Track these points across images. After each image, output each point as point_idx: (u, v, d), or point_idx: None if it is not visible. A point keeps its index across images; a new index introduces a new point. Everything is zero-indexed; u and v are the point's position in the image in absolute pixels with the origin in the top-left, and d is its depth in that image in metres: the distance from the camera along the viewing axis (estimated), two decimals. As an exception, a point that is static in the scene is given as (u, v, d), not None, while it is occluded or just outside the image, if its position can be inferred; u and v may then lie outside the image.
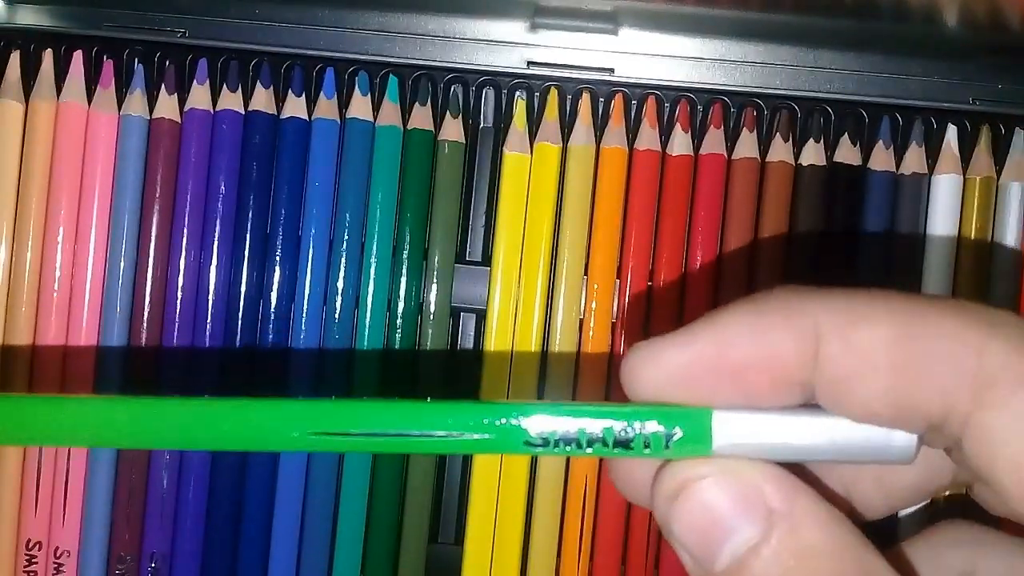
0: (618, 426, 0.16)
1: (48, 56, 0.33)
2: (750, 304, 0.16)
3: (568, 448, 0.16)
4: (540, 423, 0.16)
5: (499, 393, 0.33)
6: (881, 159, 0.34)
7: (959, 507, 0.19)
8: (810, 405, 0.16)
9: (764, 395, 0.16)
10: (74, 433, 0.16)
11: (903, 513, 0.27)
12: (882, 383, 0.15)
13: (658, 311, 0.33)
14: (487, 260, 0.35)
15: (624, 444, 0.16)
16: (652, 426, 0.16)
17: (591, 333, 0.33)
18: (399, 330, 0.33)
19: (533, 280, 0.33)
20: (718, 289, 0.34)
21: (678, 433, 0.16)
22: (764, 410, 0.16)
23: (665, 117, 0.34)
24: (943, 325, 0.15)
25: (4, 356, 0.33)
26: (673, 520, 0.16)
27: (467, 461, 0.35)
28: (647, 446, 0.16)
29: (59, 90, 0.33)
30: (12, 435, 0.16)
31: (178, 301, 0.33)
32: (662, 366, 0.16)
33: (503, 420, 0.16)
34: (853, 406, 0.15)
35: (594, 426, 0.16)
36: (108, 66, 0.33)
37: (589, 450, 0.16)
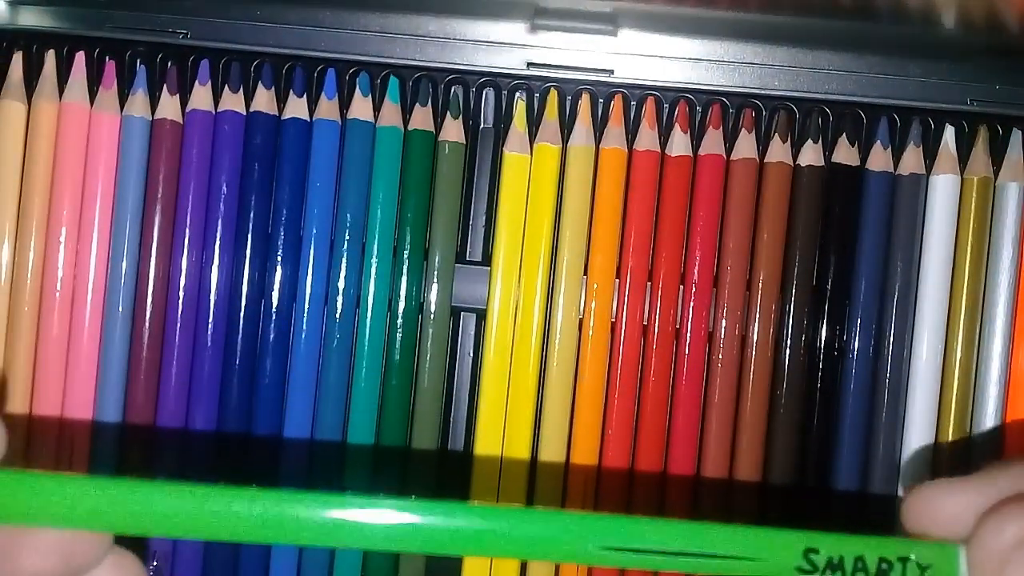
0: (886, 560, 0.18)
1: (50, 57, 0.33)
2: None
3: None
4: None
5: (499, 395, 0.33)
6: (879, 160, 0.34)
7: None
8: None
9: None
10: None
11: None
12: None
13: (657, 311, 0.34)
14: (487, 260, 0.35)
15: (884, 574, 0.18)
16: (917, 555, 0.18)
17: (591, 333, 0.34)
18: (399, 329, 0.34)
19: (533, 280, 0.34)
20: (717, 289, 0.34)
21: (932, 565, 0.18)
22: None
23: (664, 118, 0.34)
24: None
25: (6, 356, 0.33)
26: None
27: (465, 465, 0.34)
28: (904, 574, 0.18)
29: (61, 91, 0.33)
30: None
31: (180, 301, 0.33)
32: (943, 509, 0.19)
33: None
34: None
35: (871, 555, 0.18)
36: (110, 67, 0.33)
37: None
